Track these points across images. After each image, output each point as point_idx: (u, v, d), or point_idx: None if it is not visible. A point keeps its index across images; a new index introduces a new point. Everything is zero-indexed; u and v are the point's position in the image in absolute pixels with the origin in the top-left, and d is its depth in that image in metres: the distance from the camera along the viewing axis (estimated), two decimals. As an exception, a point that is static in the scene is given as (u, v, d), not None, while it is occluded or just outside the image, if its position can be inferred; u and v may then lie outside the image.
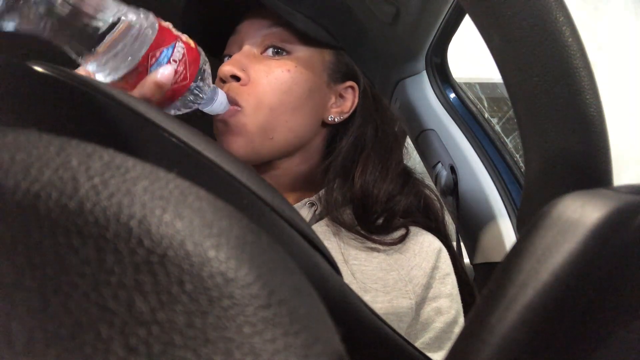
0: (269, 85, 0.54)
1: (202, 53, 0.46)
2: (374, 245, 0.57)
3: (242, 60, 0.54)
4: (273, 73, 0.55)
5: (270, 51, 0.57)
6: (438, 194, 0.68)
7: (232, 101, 0.52)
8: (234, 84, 0.53)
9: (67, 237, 0.10)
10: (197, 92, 0.45)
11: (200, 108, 0.49)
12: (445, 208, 0.67)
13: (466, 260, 0.94)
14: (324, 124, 0.62)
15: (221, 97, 0.50)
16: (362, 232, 0.57)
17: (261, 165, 0.59)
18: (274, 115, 0.55)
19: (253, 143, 0.54)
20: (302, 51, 0.58)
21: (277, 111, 0.55)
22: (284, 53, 0.57)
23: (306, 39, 0.58)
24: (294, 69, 0.56)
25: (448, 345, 0.56)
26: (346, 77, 0.63)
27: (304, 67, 0.57)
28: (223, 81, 0.54)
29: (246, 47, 0.56)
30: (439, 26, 0.94)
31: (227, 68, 0.53)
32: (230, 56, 0.58)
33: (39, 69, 0.17)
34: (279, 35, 0.57)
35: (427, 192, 0.67)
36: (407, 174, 0.68)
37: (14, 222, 0.10)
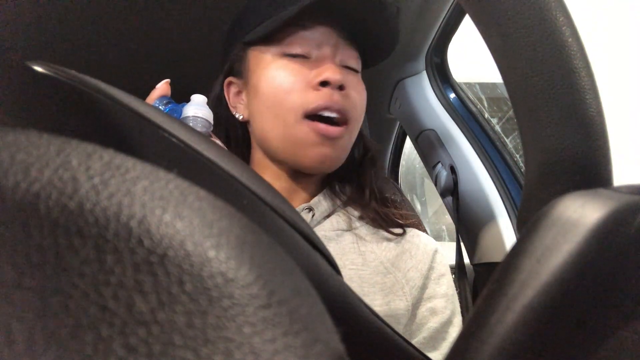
0: (360, 102, 0.55)
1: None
2: (384, 233, 0.58)
3: (342, 70, 0.53)
4: (359, 89, 0.56)
5: (348, 64, 0.56)
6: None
7: (341, 109, 0.52)
8: (337, 93, 0.52)
9: (67, 237, 0.10)
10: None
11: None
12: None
13: (466, 260, 0.94)
14: None
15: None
16: (375, 219, 0.58)
17: (305, 174, 0.58)
18: (356, 132, 0.57)
19: (344, 155, 0.56)
20: (360, 66, 0.59)
21: (358, 128, 0.57)
22: (357, 68, 0.57)
23: (362, 60, 0.59)
24: (364, 85, 0.58)
25: (442, 345, 0.56)
26: None
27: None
28: (324, 85, 0.52)
29: (331, 55, 0.54)
30: (439, 26, 0.95)
31: (339, 77, 0.52)
32: (299, 54, 0.54)
33: (39, 69, 0.17)
34: (352, 51, 0.56)
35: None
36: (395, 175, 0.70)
37: (14, 222, 0.10)
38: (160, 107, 0.54)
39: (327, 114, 0.52)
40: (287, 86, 0.52)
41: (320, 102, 0.51)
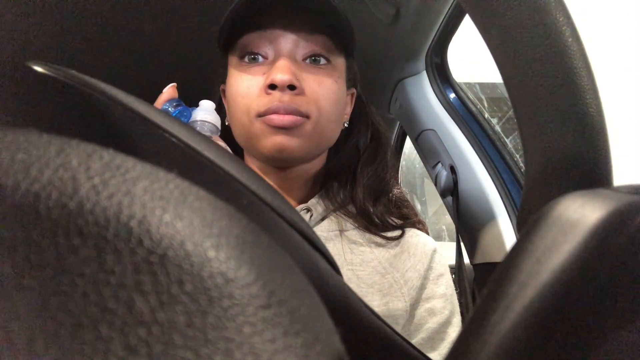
0: (324, 96, 0.55)
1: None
2: (377, 239, 0.58)
3: (294, 69, 0.53)
4: (325, 83, 0.55)
5: (311, 59, 0.56)
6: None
7: (293, 111, 0.52)
8: (289, 93, 0.52)
9: (67, 237, 0.10)
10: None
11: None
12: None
13: (466, 260, 0.94)
14: None
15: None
16: (367, 225, 0.58)
17: (284, 168, 0.58)
18: (327, 124, 0.56)
19: (308, 145, 0.55)
20: (337, 60, 0.58)
21: (329, 120, 0.56)
22: (325, 62, 0.56)
23: (339, 48, 0.58)
24: (338, 79, 0.57)
25: (441, 345, 0.56)
26: (351, 83, 0.64)
27: (341, 76, 0.58)
28: (273, 87, 0.52)
29: (288, 53, 0.54)
30: (439, 26, 0.95)
31: (286, 77, 0.51)
32: (259, 55, 0.55)
33: (39, 69, 0.17)
34: (322, 43, 0.56)
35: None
36: (396, 175, 0.69)
37: (14, 222, 0.10)
38: (169, 109, 0.54)
39: (275, 117, 0.52)
40: (242, 92, 0.54)
41: (268, 105, 0.52)
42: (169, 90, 0.56)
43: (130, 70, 0.96)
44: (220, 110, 0.62)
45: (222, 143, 0.56)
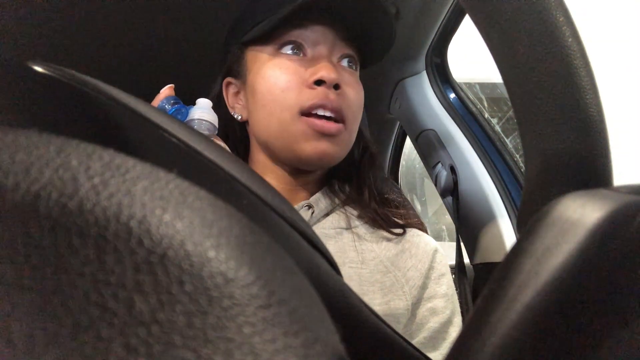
0: (357, 101, 0.55)
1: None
2: (384, 233, 0.58)
3: (338, 69, 0.54)
4: (356, 89, 0.56)
5: (345, 61, 0.56)
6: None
7: (338, 110, 0.52)
8: (333, 92, 0.52)
9: (67, 237, 0.10)
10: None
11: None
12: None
13: (466, 260, 0.94)
14: None
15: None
16: (374, 218, 0.58)
17: (305, 172, 0.58)
18: (354, 130, 0.57)
19: (343, 153, 0.56)
20: (359, 69, 0.59)
21: (356, 126, 0.57)
22: (354, 67, 0.57)
23: (362, 59, 0.59)
24: (361, 84, 0.58)
25: (443, 345, 0.56)
26: None
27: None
28: (319, 83, 0.52)
29: (328, 52, 0.55)
30: (439, 26, 0.95)
31: (334, 76, 0.52)
32: (300, 48, 0.55)
33: (39, 69, 0.17)
34: (353, 48, 0.57)
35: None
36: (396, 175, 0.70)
37: (14, 222, 0.10)
38: (166, 106, 0.54)
39: (322, 112, 0.52)
40: (282, 84, 0.53)
41: (315, 100, 0.51)
42: (166, 92, 0.55)
43: (129, 70, 0.96)
44: (219, 106, 0.61)
45: (221, 143, 0.56)
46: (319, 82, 0.52)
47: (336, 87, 0.52)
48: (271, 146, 0.56)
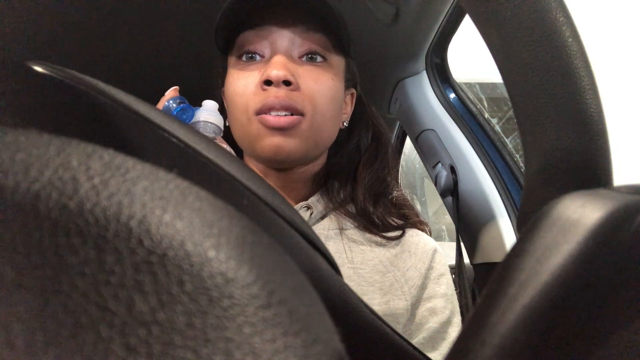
0: (320, 92, 0.55)
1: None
2: (377, 239, 0.57)
3: (289, 65, 0.53)
4: (321, 80, 0.55)
5: (308, 57, 0.56)
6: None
7: (289, 107, 0.52)
8: (284, 89, 0.52)
9: (67, 237, 0.10)
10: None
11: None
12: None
13: (466, 260, 0.94)
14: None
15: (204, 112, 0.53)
16: (367, 225, 0.58)
17: (283, 169, 0.58)
18: (324, 121, 0.56)
19: (306, 145, 0.55)
20: (334, 58, 0.58)
21: (326, 117, 0.56)
22: (321, 59, 0.57)
23: (335, 47, 0.58)
24: (334, 77, 0.57)
25: (442, 345, 0.56)
26: (350, 83, 0.64)
27: (338, 74, 0.58)
28: (268, 84, 0.52)
29: (285, 51, 0.55)
30: (439, 26, 0.95)
31: (280, 73, 0.51)
32: (256, 54, 0.56)
33: (39, 69, 0.17)
34: (318, 41, 0.56)
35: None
36: (397, 177, 0.69)
37: (14, 222, 0.10)
38: (172, 104, 0.54)
39: (274, 113, 0.52)
40: (239, 90, 0.55)
41: (264, 101, 0.52)
42: (171, 93, 0.57)
43: (131, 71, 0.96)
44: (223, 111, 0.62)
45: (224, 145, 0.56)
46: (268, 83, 0.52)
47: (287, 83, 0.52)
48: (242, 148, 0.59)
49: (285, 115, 0.52)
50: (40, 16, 0.79)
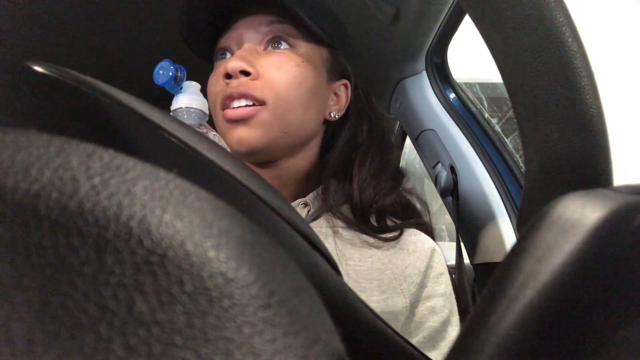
0: (282, 79, 0.54)
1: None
2: (371, 240, 0.57)
3: (247, 56, 0.54)
4: (284, 67, 0.55)
5: (273, 45, 0.56)
6: (424, 199, 0.68)
7: (245, 94, 0.52)
8: (244, 79, 0.53)
9: (67, 237, 0.10)
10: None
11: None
12: (429, 210, 0.67)
13: (466, 260, 0.94)
14: (325, 121, 0.62)
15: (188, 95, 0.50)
16: (362, 226, 0.57)
17: (264, 164, 0.58)
18: (290, 109, 0.54)
19: (270, 134, 0.53)
20: (303, 47, 0.58)
21: (292, 105, 0.55)
22: (287, 46, 0.57)
23: (306, 36, 0.58)
24: (301, 63, 0.56)
25: (442, 344, 0.56)
26: (341, 75, 0.63)
27: (308, 62, 0.57)
28: (229, 77, 0.53)
29: (247, 44, 0.56)
30: (439, 26, 0.95)
31: (235, 64, 0.52)
32: (227, 51, 0.58)
33: (39, 69, 0.17)
34: (283, 30, 0.56)
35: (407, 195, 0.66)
36: (400, 174, 0.67)
37: (14, 222, 0.10)
38: (170, 67, 0.49)
39: (236, 104, 0.53)
40: (211, 87, 0.57)
41: (223, 94, 0.53)
42: None
43: (130, 70, 0.96)
44: None
45: (212, 133, 0.55)
46: (228, 76, 0.53)
47: (246, 73, 0.53)
48: None
49: (246, 105, 0.52)
50: (41, 17, 0.79)
